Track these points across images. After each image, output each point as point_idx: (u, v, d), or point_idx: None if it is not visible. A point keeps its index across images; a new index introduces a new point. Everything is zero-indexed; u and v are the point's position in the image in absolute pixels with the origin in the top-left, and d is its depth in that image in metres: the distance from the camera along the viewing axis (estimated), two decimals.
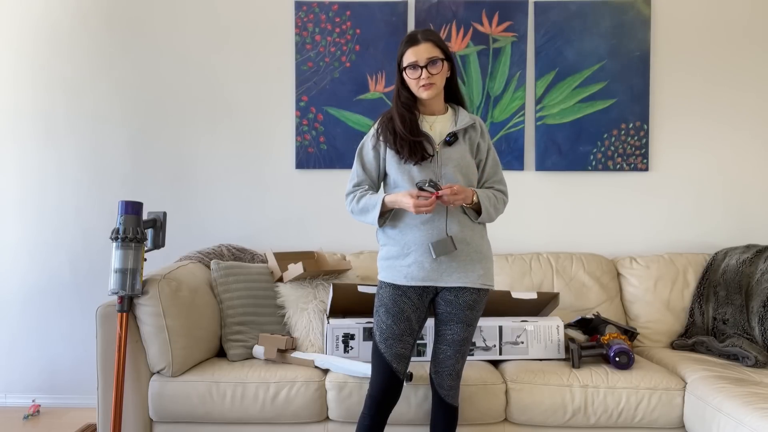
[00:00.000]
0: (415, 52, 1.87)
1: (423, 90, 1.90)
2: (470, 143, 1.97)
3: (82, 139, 3.08)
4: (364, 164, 1.99)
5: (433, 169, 1.90)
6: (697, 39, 3.03)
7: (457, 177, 1.91)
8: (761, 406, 1.87)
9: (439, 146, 1.92)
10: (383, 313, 1.90)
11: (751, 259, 2.70)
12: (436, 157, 1.90)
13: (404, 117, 1.91)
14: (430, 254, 1.86)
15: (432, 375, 1.98)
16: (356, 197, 1.96)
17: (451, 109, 2.02)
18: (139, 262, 2.20)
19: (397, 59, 1.94)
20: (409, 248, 1.88)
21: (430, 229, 1.87)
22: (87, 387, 3.06)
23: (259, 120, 3.08)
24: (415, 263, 1.87)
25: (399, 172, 1.91)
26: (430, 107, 1.97)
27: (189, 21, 3.07)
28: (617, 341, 2.34)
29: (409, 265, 1.88)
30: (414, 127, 1.90)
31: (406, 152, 1.88)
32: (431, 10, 3.01)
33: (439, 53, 1.89)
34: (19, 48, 3.07)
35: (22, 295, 3.10)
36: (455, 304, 1.90)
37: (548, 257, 2.88)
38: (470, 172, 1.95)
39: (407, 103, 1.94)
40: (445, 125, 1.97)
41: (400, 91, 1.95)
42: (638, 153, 3.03)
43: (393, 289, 1.89)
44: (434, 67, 1.88)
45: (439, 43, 1.90)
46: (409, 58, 1.88)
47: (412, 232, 1.89)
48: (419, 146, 1.88)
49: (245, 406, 2.20)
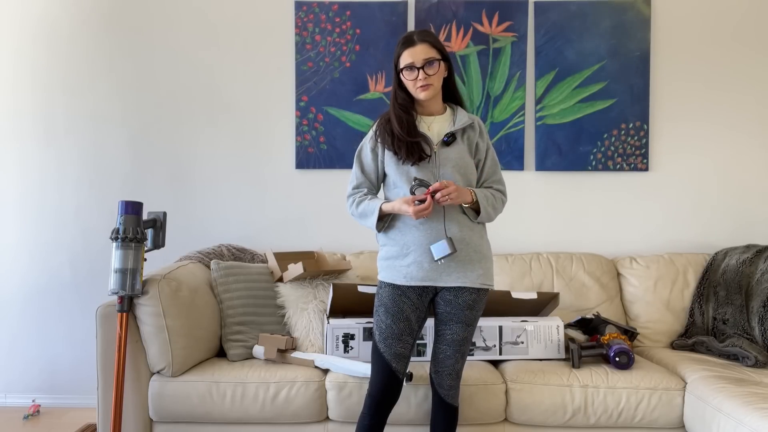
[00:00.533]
0: (412, 54, 1.87)
1: (420, 91, 1.90)
2: (469, 143, 1.97)
3: (82, 139, 3.08)
4: (363, 166, 2.00)
5: (431, 169, 1.90)
6: (697, 39, 3.03)
7: (456, 177, 1.91)
8: (761, 406, 1.87)
9: (437, 146, 1.91)
10: (383, 312, 1.90)
11: (751, 259, 2.70)
12: (434, 157, 1.90)
13: (401, 118, 1.91)
14: (430, 255, 1.86)
15: (432, 375, 1.98)
16: (355, 201, 1.97)
17: (450, 108, 2.02)
18: (139, 262, 2.20)
19: (393, 61, 1.94)
20: (408, 248, 1.89)
21: (429, 230, 1.87)
22: (87, 387, 3.06)
23: (259, 120, 3.08)
24: (414, 263, 1.87)
25: (398, 173, 1.91)
26: (428, 108, 1.97)
27: (189, 21, 3.07)
28: (617, 341, 2.33)
29: (408, 265, 1.88)
30: (411, 128, 1.90)
31: (403, 153, 1.88)
32: (431, 10, 3.01)
33: (435, 54, 1.89)
34: (19, 48, 3.07)
35: (22, 295, 3.10)
36: (455, 303, 1.90)
37: (548, 257, 2.88)
38: (469, 172, 1.94)
39: (404, 105, 1.94)
40: (443, 125, 1.97)
41: (397, 93, 1.95)
42: (638, 153, 3.03)
43: (392, 289, 1.90)
44: (431, 68, 1.88)
45: (435, 44, 1.90)
46: (406, 60, 1.88)
47: (411, 232, 1.89)
48: (416, 147, 1.87)
49: (245, 406, 2.20)
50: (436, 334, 1.97)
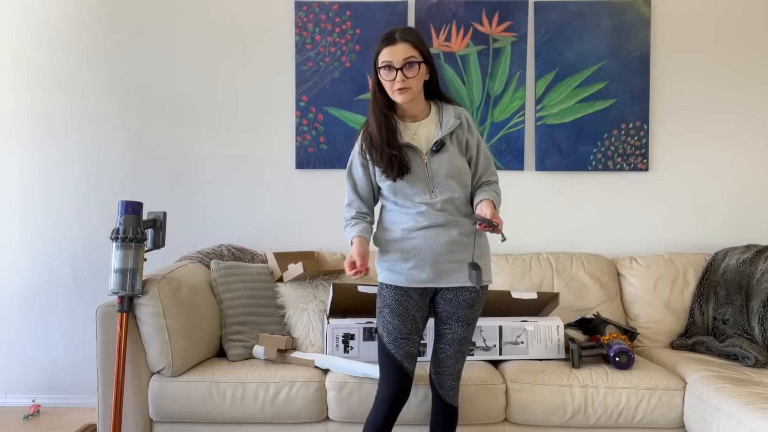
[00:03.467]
0: (391, 52, 1.77)
1: (397, 94, 1.79)
2: (458, 143, 1.90)
3: (82, 139, 3.08)
4: (355, 184, 1.95)
5: (425, 181, 1.85)
6: (697, 39, 3.03)
7: (450, 184, 1.86)
8: (761, 406, 1.87)
9: (426, 156, 1.85)
10: (388, 313, 1.88)
11: (751, 259, 2.70)
12: (426, 168, 1.85)
13: (380, 123, 1.83)
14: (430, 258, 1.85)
15: (432, 375, 1.97)
16: (348, 224, 1.97)
17: (434, 106, 1.93)
18: (139, 262, 2.20)
19: (372, 57, 1.83)
20: (409, 254, 1.87)
21: (428, 234, 1.85)
22: (87, 387, 3.06)
23: (259, 120, 3.08)
24: (416, 267, 1.86)
25: (390, 190, 1.88)
26: (411, 111, 1.88)
27: (189, 21, 3.07)
28: (617, 341, 2.33)
29: (410, 268, 1.87)
30: (391, 136, 1.82)
31: (384, 167, 1.82)
32: (431, 10, 3.01)
33: (416, 55, 1.79)
34: (19, 48, 3.07)
35: (22, 295, 3.09)
36: (455, 303, 1.89)
37: (548, 257, 2.88)
38: (463, 175, 1.89)
39: (383, 109, 1.84)
40: (429, 130, 1.88)
41: (376, 95, 1.85)
42: (638, 153, 3.03)
43: (395, 290, 1.88)
44: (410, 70, 1.77)
45: (417, 44, 1.79)
46: (384, 58, 1.78)
47: (411, 241, 1.86)
48: (396, 159, 1.81)
49: (245, 406, 2.20)
50: (436, 334, 1.96)
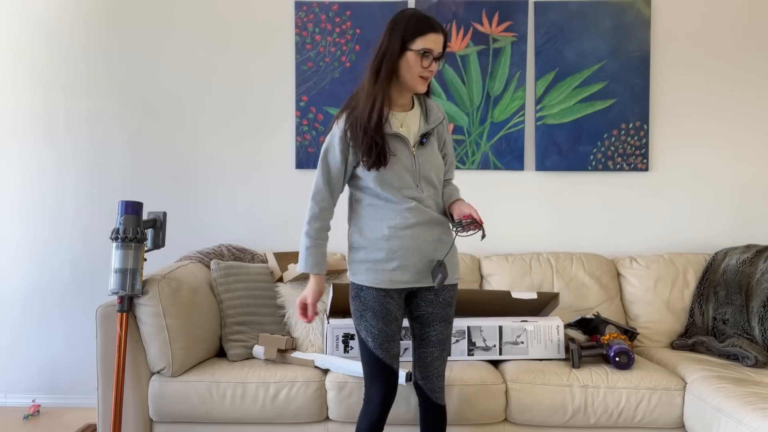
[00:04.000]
0: (436, 41, 1.72)
1: (423, 82, 1.76)
2: (438, 138, 1.88)
3: (82, 139, 3.08)
4: (329, 172, 1.83)
5: (412, 174, 1.80)
6: (697, 39, 3.03)
7: (433, 179, 1.83)
8: (761, 406, 1.87)
9: (414, 147, 1.82)
10: (371, 317, 1.81)
11: (751, 259, 2.70)
12: (414, 160, 1.81)
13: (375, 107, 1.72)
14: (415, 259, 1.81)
15: (419, 381, 1.90)
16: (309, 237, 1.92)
17: (416, 99, 1.88)
18: (139, 262, 2.21)
19: (400, 34, 1.71)
20: (394, 253, 1.80)
21: (416, 233, 1.80)
22: (87, 387, 3.06)
23: (259, 120, 3.08)
24: (399, 268, 1.80)
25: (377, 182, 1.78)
26: (402, 100, 1.82)
27: (188, 21, 3.07)
28: (617, 341, 2.33)
29: (393, 269, 1.80)
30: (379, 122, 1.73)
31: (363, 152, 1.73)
32: (431, 10, 3.01)
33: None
34: (19, 48, 3.07)
35: (23, 295, 3.09)
36: (436, 303, 1.86)
37: (548, 257, 2.88)
38: (441, 171, 1.87)
39: (382, 93, 1.74)
40: (414, 122, 1.83)
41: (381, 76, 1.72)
42: (638, 153, 3.03)
43: (376, 291, 1.81)
44: (440, 62, 1.78)
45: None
46: (427, 45, 1.71)
47: (399, 240, 1.80)
48: (375, 147, 1.73)
49: (245, 406, 2.20)
50: (419, 339, 1.89)
